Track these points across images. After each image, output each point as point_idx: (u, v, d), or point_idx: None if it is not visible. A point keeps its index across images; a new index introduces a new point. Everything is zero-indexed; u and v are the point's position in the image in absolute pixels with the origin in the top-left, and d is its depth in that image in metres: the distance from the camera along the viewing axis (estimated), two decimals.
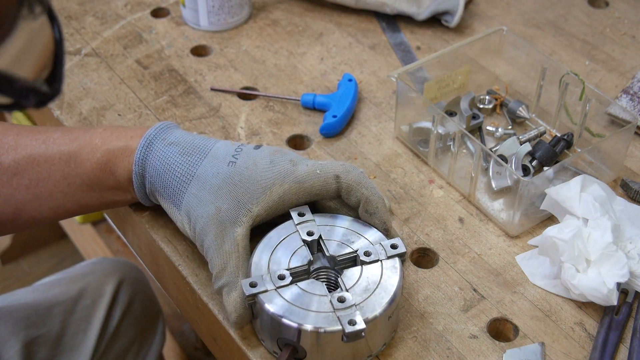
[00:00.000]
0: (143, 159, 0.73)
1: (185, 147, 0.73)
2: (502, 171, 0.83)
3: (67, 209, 0.76)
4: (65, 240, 1.88)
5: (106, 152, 0.73)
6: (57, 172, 0.73)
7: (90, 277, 1.08)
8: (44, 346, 0.98)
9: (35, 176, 0.73)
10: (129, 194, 0.76)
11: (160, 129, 0.74)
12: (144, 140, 0.73)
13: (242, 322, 0.69)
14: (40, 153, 0.74)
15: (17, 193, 0.74)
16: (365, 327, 0.63)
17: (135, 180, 0.73)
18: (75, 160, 0.73)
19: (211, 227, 0.69)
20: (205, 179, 0.71)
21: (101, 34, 1.06)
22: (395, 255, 0.69)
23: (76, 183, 0.74)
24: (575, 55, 1.03)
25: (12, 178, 0.73)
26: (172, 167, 0.72)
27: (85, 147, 0.73)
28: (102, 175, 0.73)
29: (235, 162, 0.71)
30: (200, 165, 0.71)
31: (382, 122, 0.94)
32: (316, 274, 0.70)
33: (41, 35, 0.45)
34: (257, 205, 0.69)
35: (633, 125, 0.83)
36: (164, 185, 0.72)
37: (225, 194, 0.70)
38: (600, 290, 0.70)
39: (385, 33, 1.07)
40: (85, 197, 0.75)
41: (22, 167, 0.73)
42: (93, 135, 0.74)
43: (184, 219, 0.71)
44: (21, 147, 0.74)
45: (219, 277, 0.68)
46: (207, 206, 0.69)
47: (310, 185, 0.71)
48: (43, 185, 0.74)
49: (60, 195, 0.74)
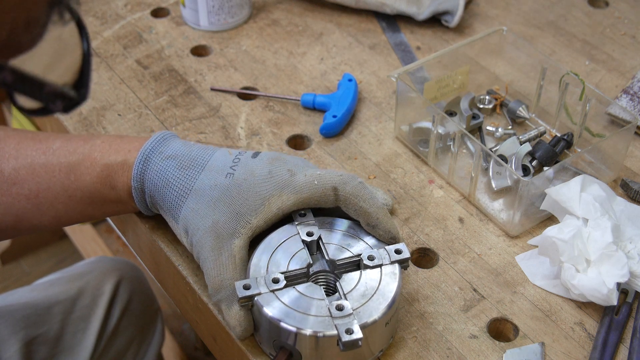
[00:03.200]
0: (141, 174, 0.72)
1: (183, 161, 0.72)
2: (502, 171, 0.83)
3: (69, 219, 0.76)
4: (65, 240, 1.89)
5: (105, 166, 0.73)
6: (57, 184, 0.73)
7: (89, 276, 1.08)
8: (44, 345, 0.98)
9: (35, 187, 0.73)
10: (130, 205, 0.76)
11: (157, 141, 0.74)
12: (140, 155, 0.73)
13: (247, 335, 0.69)
14: (41, 163, 0.73)
15: (17, 202, 0.74)
16: (362, 337, 0.62)
17: (135, 195, 0.73)
18: (75, 173, 0.73)
19: (207, 240, 0.68)
20: (202, 192, 0.70)
21: (101, 34, 1.06)
22: (398, 261, 0.69)
23: (77, 196, 0.74)
24: (575, 55, 1.03)
25: (12, 187, 0.73)
26: (170, 181, 0.71)
27: (85, 160, 0.73)
28: (103, 189, 0.74)
29: (233, 173, 0.71)
30: (198, 179, 0.71)
31: (382, 122, 0.94)
32: (315, 277, 0.69)
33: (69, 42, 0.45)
34: (255, 217, 0.69)
35: (633, 125, 0.83)
36: (162, 199, 0.72)
37: (223, 207, 0.69)
38: (600, 290, 0.70)
39: (385, 33, 1.07)
40: (86, 208, 0.75)
41: (22, 176, 0.73)
42: (92, 148, 0.74)
43: (181, 232, 0.71)
44: (22, 157, 0.74)
45: (216, 290, 0.68)
46: (204, 219, 0.69)
47: (308, 196, 0.70)
48: (43, 196, 0.74)
49: (62, 206, 0.74)
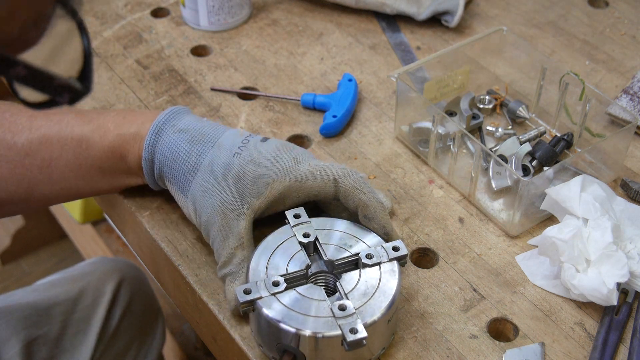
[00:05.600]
0: (153, 145, 0.74)
1: (194, 135, 0.74)
2: (502, 171, 0.83)
3: (79, 190, 0.78)
4: (65, 240, 1.89)
5: (118, 136, 0.74)
6: (69, 153, 0.74)
7: (90, 277, 1.08)
8: (44, 346, 0.98)
9: (47, 156, 0.74)
10: (139, 178, 0.77)
11: (170, 114, 0.75)
12: (153, 127, 0.74)
13: (237, 313, 0.71)
14: (54, 133, 0.74)
15: (29, 173, 0.75)
16: (366, 336, 0.62)
17: (144, 166, 0.75)
18: (88, 142, 0.74)
19: (216, 219, 0.70)
20: (211, 169, 0.72)
21: (101, 34, 1.06)
22: (397, 258, 0.69)
23: (87, 164, 0.75)
24: (575, 55, 1.03)
25: (25, 158, 0.74)
26: (180, 155, 0.73)
27: (98, 130, 0.75)
28: (114, 159, 0.75)
29: (240, 154, 0.72)
30: (207, 155, 0.72)
31: (382, 122, 0.94)
32: (314, 278, 0.69)
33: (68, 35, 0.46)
34: (258, 199, 0.71)
35: (633, 125, 0.83)
36: (171, 172, 0.73)
37: (229, 186, 0.71)
38: (600, 290, 0.70)
39: (385, 33, 1.07)
40: (96, 179, 0.77)
41: (35, 147, 0.74)
42: (106, 119, 0.75)
43: (189, 207, 0.73)
44: (35, 128, 0.75)
45: (224, 266, 0.70)
46: (212, 197, 0.71)
47: (309, 185, 0.72)
48: (55, 166, 0.75)
49: (72, 175, 0.75)
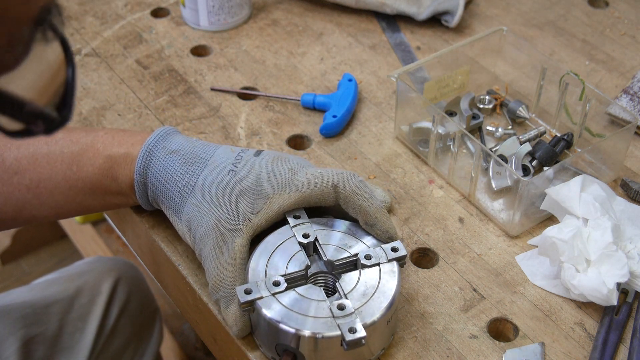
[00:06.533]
0: (144, 168, 0.73)
1: (186, 156, 0.72)
2: (502, 171, 0.83)
3: (69, 210, 0.76)
4: (65, 240, 1.89)
5: (108, 158, 0.73)
6: (59, 174, 0.73)
7: (87, 276, 1.08)
8: (42, 345, 0.98)
9: (36, 177, 0.73)
10: (130, 199, 0.76)
11: (160, 136, 0.74)
12: (144, 149, 0.73)
13: (244, 334, 0.69)
14: (43, 153, 0.73)
15: (17, 192, 0.74)
16: (365, 335, 0.62)
17: (137, 188, 0.73)
18: (77, 163, 0.73)
19: (210, 237, 0.69)
20: (205, 189, 0.70)
21: (101, 34, 1.06)
22: (395, 259, 0.69)
23: (78, 186, 0.74)
24: (575, 55, 1.03)
25: (13, 177, 0.73)
26: (173, 177, 0.72)
27: (87, 151, 0.73)
28: (104, 180, 0.74)
29: (236, 170, 0.71)
30: (201, 175, 0.71)
31: (382, 122, 0.94)
32: (314, 278, 0.69)
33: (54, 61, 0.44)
34: (257, 215, 0.69)
35: (633, 125, 0.83)
36: (165, 195, 0.72)
37: (226, 204, 0.69)
38: (600, 290, 0.70)
39: (385, 33, 1.07)
40: (86, 200, 0.75)
41: (24, 166, 0.73)
42: (95, 139, 0.74)
43: (184, 228, 0.71)
44: (24, 146, 0.74)
45: (216, 289, 0.68)
46: (207, 216, 0.69)
47: (308, 195, 0.71)
48: (44, 186, 0.74)
49: (62, 196, 0.74)
